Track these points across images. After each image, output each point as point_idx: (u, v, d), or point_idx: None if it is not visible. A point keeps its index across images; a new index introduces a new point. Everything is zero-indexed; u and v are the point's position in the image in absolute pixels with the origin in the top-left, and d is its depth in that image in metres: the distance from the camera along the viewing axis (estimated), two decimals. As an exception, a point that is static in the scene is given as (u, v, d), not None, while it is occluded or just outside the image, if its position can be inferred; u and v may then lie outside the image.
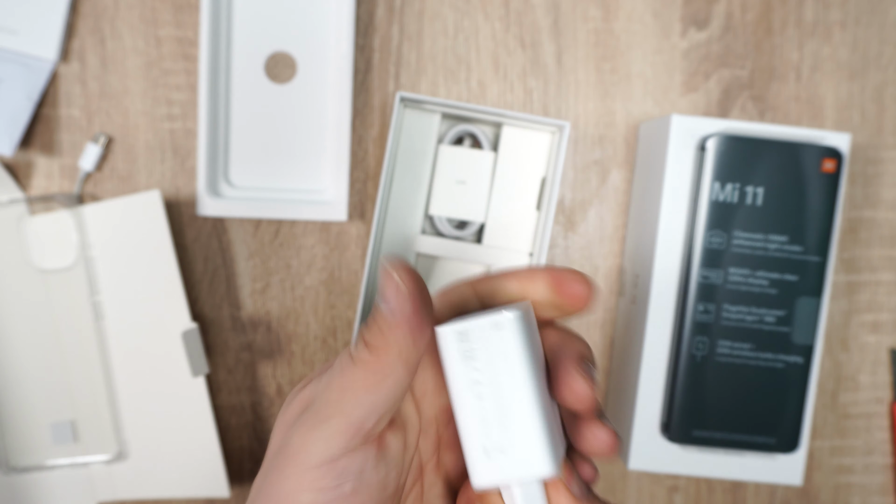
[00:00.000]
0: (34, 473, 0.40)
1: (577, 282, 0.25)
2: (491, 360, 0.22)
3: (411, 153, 0.40)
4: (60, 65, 0.41)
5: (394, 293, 0.22)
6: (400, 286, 0.23)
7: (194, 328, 0.39)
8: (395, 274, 0.23)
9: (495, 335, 0.22)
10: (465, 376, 0.22)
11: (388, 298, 0.22)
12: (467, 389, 0.22)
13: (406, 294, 0.22)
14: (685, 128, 0.38)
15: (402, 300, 0.22)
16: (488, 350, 0.22)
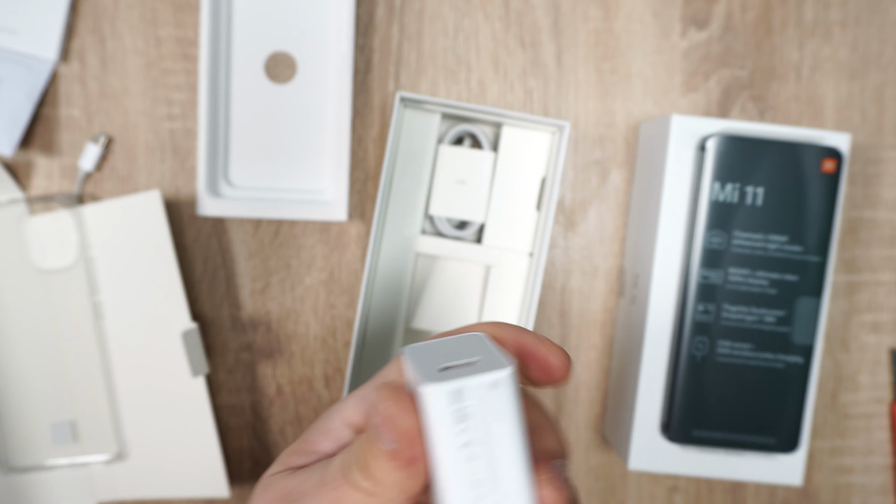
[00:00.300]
0: (34, 473, 0.40)
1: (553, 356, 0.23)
2: (485, 419, 0.21)
3: (411, 153, 0.40)
4: (60, 65, 0.41)
5: (391, 431, 0.20)
6: (398, 423, 0.20)
7: (194, 328, 0.39)
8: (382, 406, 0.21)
9: (491, 394, 0.21)
10: (456, 438, 0.21)
11: (385, 433, 0.21)
12: (458, 452, 0.21)
13: (407, 433, 0.20)
14: (685, 128, 0.38)
15: (403, 441, 0.20)
16: (483, 409, 0.20)
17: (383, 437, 0.20)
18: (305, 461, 0.24)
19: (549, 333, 0.44)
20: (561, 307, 0.44)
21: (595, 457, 0.45)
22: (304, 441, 0.25)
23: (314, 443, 0.25)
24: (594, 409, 0.45)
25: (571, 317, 0.44)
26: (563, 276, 0.44)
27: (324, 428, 0.25)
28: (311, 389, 0.43)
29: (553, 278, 0.44)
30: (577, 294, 0.44)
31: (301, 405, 0.43)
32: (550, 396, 0.44)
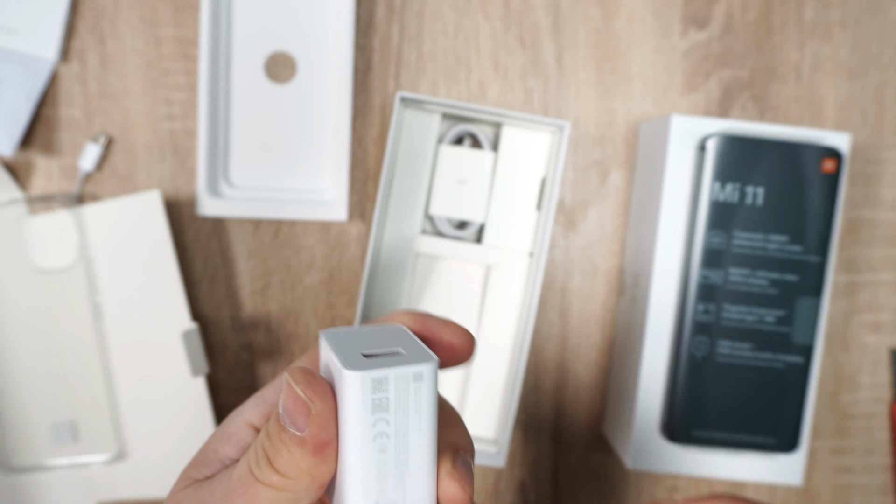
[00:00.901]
0: (34, 473, 0.40)
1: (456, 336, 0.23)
2: (404, 411, 0.20)
3: (411, 153, 0.40)
4: (60, 65, 0.41)
5: (304, 416, 0.20)
6: (312, 407, 0.20)
7: (194, 328, 0.39)
8: (299, 391, 0.20)
9: (413, 385, 0.20)
10: (372, 428, 0.20)
11: (298, 422, 0.20)
12: (370, 442, 0.20)
13: (321, 417, 0.20)
14: (685, 128, 0.38)
15: (316, 425, 0.20)
16: (403, 401, 0.20)
17: (295, 421, 0.20)
18: (209, 471, 0.23)
19: (548, 333, 0.44)
20: (561, 307, 0.44)
21: (595, 457, 0.45)
22: (204, 451, 0.24)
23: (216, 450, 0.24)
24: (594, 409, 0.45)
25: (571, 317, 0.44)
26: (563, 276, 0.44)
27: (224, 433, 0.24)
28: (311, 389, 0.43)
29: (553, 278, 0.44)
30: (577, 294, 0.44)
31: (301, 405, 0.43)
32: (550, 397, 0.44)
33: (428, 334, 0.23)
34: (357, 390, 0.20)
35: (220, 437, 0.24)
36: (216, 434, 0.24)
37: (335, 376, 0.20)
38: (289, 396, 0.20)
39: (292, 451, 0.20)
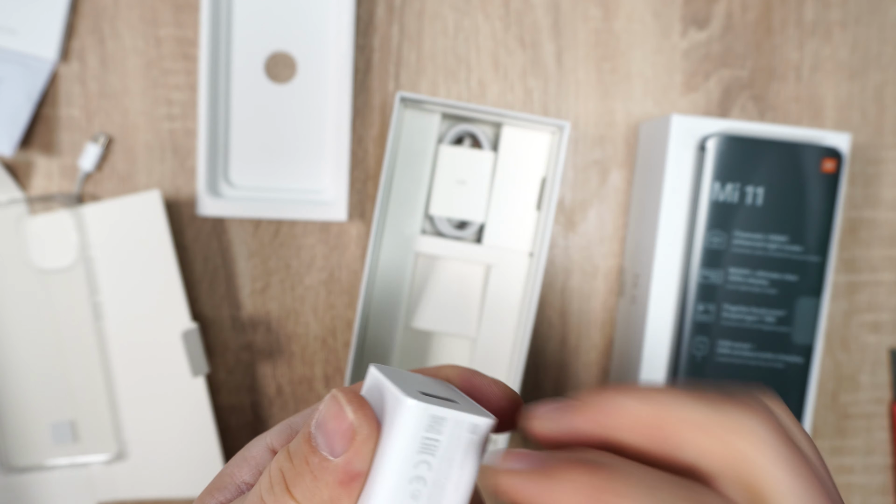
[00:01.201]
0: (34, 473, 0.40)
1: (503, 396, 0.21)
2: (450, 462, 0.18)
3: (411, 153, 0.40)
4: (60, 65, 0.41)
5: (346, 439, 0.18)
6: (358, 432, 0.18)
7: (194, 328, 0.39)
8: (349, 411, 0.18)
9: (467, 436, 0.19)
10: (413, 469, 0.18)
11: (336, 445, 0.18)
12: (407, 483, 0.18)
13: (363, 445, 0.18)
14: (685, 128, 0.38)
15: (355, 452, 0.18)
16: (452, 449, 0.18)
17: (332, 443, 0.18)
18: (224, 497, 0.21)
19: (549, 333, 0.44)
20: (561, 307, 0.44)
21: (595, 457, 0.45)
22: (221, 475, 0.22)
23: (232, 474, 0.22)
24: (594, 409, 0.44)
25: (571, 317, 0.44)
26: (563, 276, 0.44)
27: (244, 456, 0.22)
28: (311, 389, 0.43)
29: (553, 278, 0.44)
30: (577, 294, 0.44)
31: (301, 405, 0.43)
32: (550, 396, 0.44)
33: (476, 393, 0.22)
34: (412, 423, 0.18)
35: (238, 461, 0.22)
36: (235, 458, 0.23)
37: (387, 406, 0.19)
38: (333, 415, 0.18)
39: (318, 477, 0.18)
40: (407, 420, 0.18)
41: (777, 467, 0.16)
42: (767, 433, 0.17)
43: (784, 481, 0.16)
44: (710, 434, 0.17)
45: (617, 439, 0.18)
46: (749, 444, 0.17)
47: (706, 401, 0.17)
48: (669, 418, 0.17)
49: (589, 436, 0.18)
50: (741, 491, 0.17)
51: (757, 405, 0.17)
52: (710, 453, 0.17)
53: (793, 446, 0.17)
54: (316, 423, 0.18)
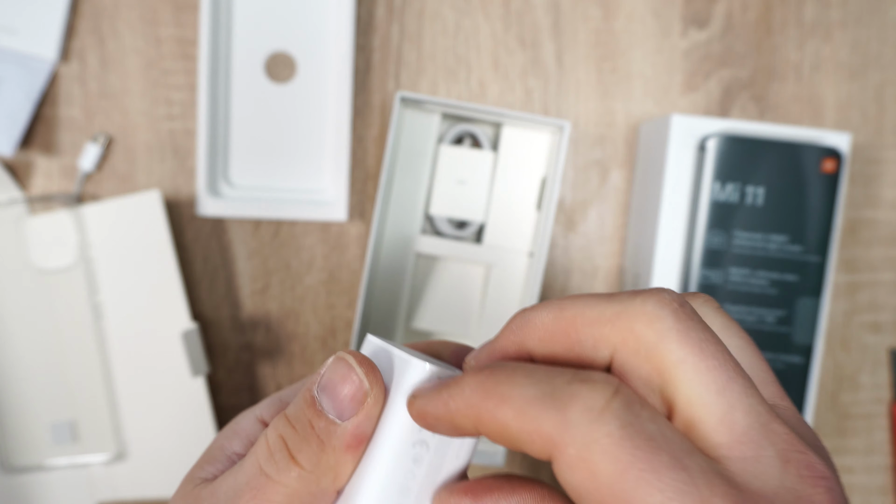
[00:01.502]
0: (34, 473, 0.40)
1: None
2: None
3: (411, 153, 0.40)
4: (60, 65, 0.41)
5: (357, 401, 0.17)
6: (364, 387, 0.18)
7: (194, 328, 0.39)
8: (360, 372, 0.18)
9: None
10: (417, 432, 0.18)
11: (345, 407, 0.17)
12: (410, 447, 0.18)
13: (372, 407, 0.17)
14: (685, 127, 0.38)
15: (365, 415, 0.17)
16: None
17: (341, 406, 0.17)
18: (215, 470, 0.21)
19: (549, 333, 0.44)
20: (561, 307, 0.44)
21: (595, 457, 0.45)
22: (210, 449, 0.22)
23: (222, 447, 0.21)
24: (594, 409, 0.45)
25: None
26: (563, 276, 0.44)
27: (233, 429, 0.22)
28: (311, 389, 0.43)
29: (553, 278, 0.44)
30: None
31: (301, 405, 0.43)
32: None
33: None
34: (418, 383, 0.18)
35: (227, 434, 0.22)
36: (224, 431, 0.22)
37: (395, 369, 0.18)
38: (342, 377, 0.18)
39: (325, 442, 0.17)
40: (413, 380, 0.18)
41: (679, 345, 0.15)
42: (667, 314, 0.16)
43: (687, 360, 0.15)
44: (609, 325, 0.16)
45: (531, 352, 0.18)
46: (646, 325, 0.16)
47: (608, 297, 0.17)
48: (574, 319, 0.17)
49: (514, 356, 0.18)
50: (647, 378, 0.16)
51: (660, 293, 0.16)
52: (610, 344, 0.16)
53: (698, 325, 0.16)
54: (320, 386, 0.18)
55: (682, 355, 0.15)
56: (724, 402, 0.15)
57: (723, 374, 0.15)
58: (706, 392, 0.15)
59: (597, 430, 0.14)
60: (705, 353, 0.15)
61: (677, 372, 0.15)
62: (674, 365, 0.15)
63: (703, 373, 0.15)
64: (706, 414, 0.15)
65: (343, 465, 0.18)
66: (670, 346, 0.16)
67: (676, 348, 0.16)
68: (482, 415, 0.16)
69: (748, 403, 0.15)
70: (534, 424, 0.15)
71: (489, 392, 0.16)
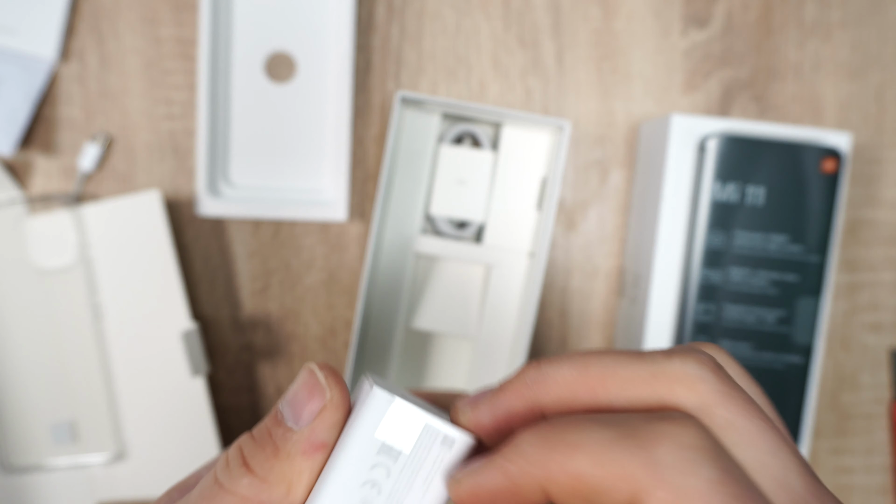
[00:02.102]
0: (34, 473, 0.40)
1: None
2: (412, 474, 0.17)
3: (411, 153, 0.40)
4: (60, 65, 0.41)
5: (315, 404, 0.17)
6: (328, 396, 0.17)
7: (194, 328, 0.39)
8: (320, 376, 0.17)
9: (438, 449, 0.17)
10: (368, 470, 0.16)
11: (302, 412, 0.17)
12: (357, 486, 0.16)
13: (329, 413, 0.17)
14: (685, 127, 0.38)
15: (321, 420, 0.17)
16: (417, 461, 0.17)
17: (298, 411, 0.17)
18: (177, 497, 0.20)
19: (549, 334, 0.44)
20: (561, 307, 0.44)
21: (595, 457, 0.45)
22: (187, 479, 0.21)
23: (199, 474, 0.21)
24: (594, 409, 0.44)
25: (571, 317, 0.44)
26: (563, 276, 0.44)
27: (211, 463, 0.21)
28: (311, 389, 0.43)
29: (553, 278, 0.44)
30: (577, 294, 0.44)
31: (301, 405, 0.43)
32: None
33: None
34: (374, 413, 0.16)
35: (210, 463, 0.21)
36: (211, 461, 0.22)
37: (359, 397, 0.17)
38: (303, 383, 0.17)
39: (279, 446, 0.17)
40: (369, 409, 0.16)
41: (725, 409, 0.15)
42: (709, 376, 0.15)
43: (736, 423, 0.15)
44: (645, 386, 0.16)
45: (546, 410, 0.17)
46: (688, 389, 0.15)
47: (638, 356, 0.16)
48: (602, 378, 0.16)
49: (523, 413, 0.17)
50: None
51: (698, 354, 0.16)
52: (647, 407, 0.15)
53: (737, 387, 0.16)
54: (285, 399, 0.18)
55: (730, 418, 0.15)
56: (779, 465, 0.15)
57: (773, 435, 0.15)
58: (761, 455, 0.15)
59: (694, 474, 0.13)
60: (751, 415, 0.15)
61: (727, 435, 0.15)
62: (722, 429, 0.15)
63: (754, 435, 0.15)
64: (765, 477, 0.15)
65: (298, 475, 0.17)
66: (717, 409, 0.15)
67: (724, 412, 0.15)
68: (552, 470, 0.15)
69: (799, 464, 0.15)
70: (616, 468, 0.14)
71: (556, 443, 0.15)
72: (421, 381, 0.42)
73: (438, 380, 0.42)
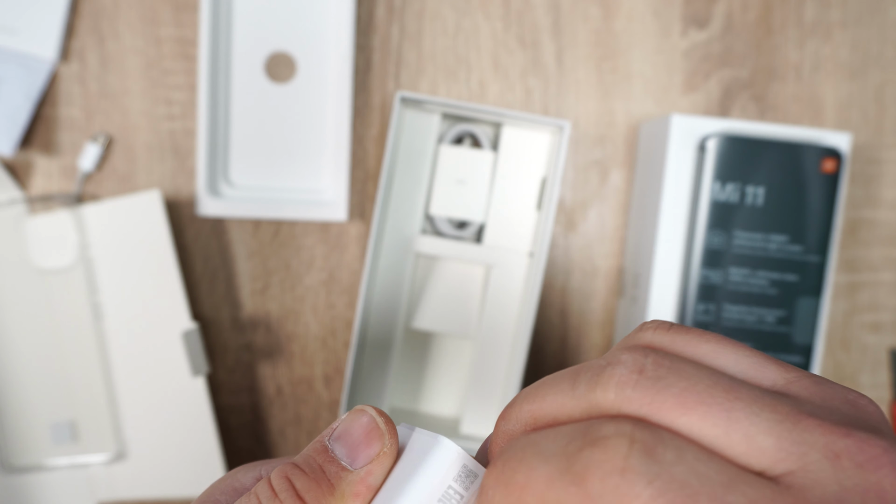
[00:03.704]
0: (34, 473, 0.40)
1: None
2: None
3: (411, 153, 0.40)
4: (60, 65, 0.41)
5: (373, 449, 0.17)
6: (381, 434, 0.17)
7: (194, 328, 0.39)
8: (380, 421, 0.18)
9: None
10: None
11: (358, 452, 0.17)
12: None
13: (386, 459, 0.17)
14: (685, 127, 0.38)
15: (378, 464, 0.17)
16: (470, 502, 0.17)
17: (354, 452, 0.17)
18: None
19: (549, 334, 0.44)
20: (561, 307, 0.44)
21: (595, 457, 0.45)
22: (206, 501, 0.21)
23: (218, 501, 0.21)
24: (594, 409, 0.45)
25: (571, 317, 0.44)
26: (563, 276, 0.44)
27: (232, 485, 0.21)
28: (310, 389, 0.43)
29: (553, 278, 0.44)
30: (577, 294, 0.44)
31: (301, 405, 0.43)
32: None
33: None
34: (443, 465, 0.17)
35: (225, 489, 0.21)
36: (220, 484, 0.21)
37: (416, 446, 0.18)
38: (362, 425, 0.18)
39: (335, 485, 0.17)
40: (438, 460, 0.17)
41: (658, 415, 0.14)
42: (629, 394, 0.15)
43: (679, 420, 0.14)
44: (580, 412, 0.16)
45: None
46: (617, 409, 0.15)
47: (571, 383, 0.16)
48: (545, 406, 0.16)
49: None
50: None
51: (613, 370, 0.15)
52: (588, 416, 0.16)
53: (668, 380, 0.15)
54: (335, 436, 0.18)
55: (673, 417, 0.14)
56: (739, 436, 0.14)
57: (718, 410, 0.14)
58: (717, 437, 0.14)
59: (623, 497, 0.13)
60: (687, 405, 0.14)
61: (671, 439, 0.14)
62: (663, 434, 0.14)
63: (698, 423, 0.14)
64: (735, 453, 0.14)
65: None
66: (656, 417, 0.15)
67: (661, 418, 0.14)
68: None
69: (762, 420, 0.14)
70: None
71: (509, 483, 0.15)
72: (421, 380, 0.42)
73: (438, 380, 0.42)
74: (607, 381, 0.15)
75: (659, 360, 0.15)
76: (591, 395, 0.15)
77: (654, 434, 0.14)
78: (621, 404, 0.15)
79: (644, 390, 0.15)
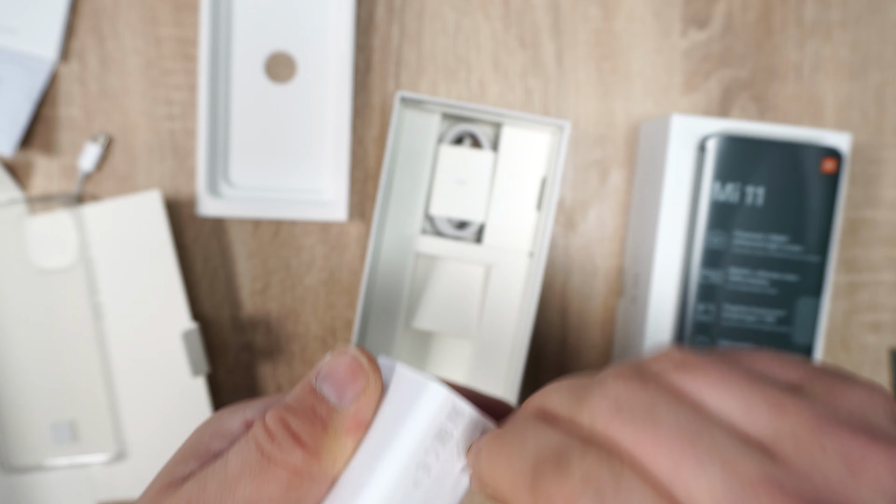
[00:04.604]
0: (34, 473, 0.40)
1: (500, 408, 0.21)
2: (455, 458, 0.18)
3: (411, 153, 0.40)
4: (60, 65, 0.41)
5: (358, 386, 0.18)
6: (370, 379, 0.18)
7: (194, 328, 0.39)
8: (363, 360, 0.18)
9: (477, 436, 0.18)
10: (423, 455, 0.18)
11: (346, 392, 0.18)
12: (414, 470, 0.17)
13: (372, 394, 0.18)
14: (685, 127, 0.38)
15: (368, 399, 0.18)
16: (461, 446, 0.18)
17: (341, 390, 0.18)
18: (195, 466, 0.20)
19: (549, 333, 0.44)
20: (561, 307, 0.44)
21: (595, 457, 0.45)
22: (195, 444, 0.21)
23: (208, 445, 0.21)
24: (594, 409, 0.44)
25: (571, 317, 0.44)
26: (563, 276, 0.44)
27: (217, 430, 0.21)
28: (311, 389, 0.43)
29: (553, 278, 0.44)
30: (577, 294, 0.44)
31: (301, 405, 0.43)
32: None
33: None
34: (433, 407, 0.17)
35: (210, 433, 0.21)
36: (204, 428, 0.21)
37: (402, 389, 0.18)
38: (345, 364, 0.18)
39: (328, 423, 0.18)
40: (428, 404, 0.17)
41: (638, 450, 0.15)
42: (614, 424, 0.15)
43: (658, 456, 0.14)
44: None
45: None
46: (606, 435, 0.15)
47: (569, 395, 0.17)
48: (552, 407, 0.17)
49: None
50: None
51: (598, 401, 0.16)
52: None
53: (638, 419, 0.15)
54: (321, 375, 0.18)
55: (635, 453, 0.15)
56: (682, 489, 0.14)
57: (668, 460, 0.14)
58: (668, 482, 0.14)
59: None
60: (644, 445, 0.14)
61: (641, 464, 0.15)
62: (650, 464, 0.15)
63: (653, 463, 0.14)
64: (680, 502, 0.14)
65: (342, 450, 0.18)
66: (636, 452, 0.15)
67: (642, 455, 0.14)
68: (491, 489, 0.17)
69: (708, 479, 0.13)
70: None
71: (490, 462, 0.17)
72: (421, 381, 0.42)
73: (438, 380, 0.42)
74: (591, 406, 0.16)
75: (635, 397, 0.15)
76: (578, 412, 0.16)
77: (612, 474, 0.14)
78: (596, 428, 0.16)
79: (619, 423, 0.15)
